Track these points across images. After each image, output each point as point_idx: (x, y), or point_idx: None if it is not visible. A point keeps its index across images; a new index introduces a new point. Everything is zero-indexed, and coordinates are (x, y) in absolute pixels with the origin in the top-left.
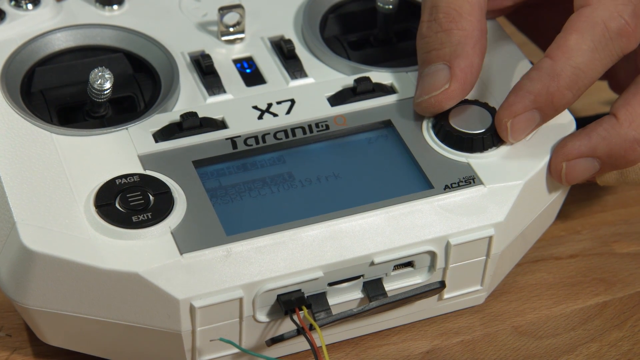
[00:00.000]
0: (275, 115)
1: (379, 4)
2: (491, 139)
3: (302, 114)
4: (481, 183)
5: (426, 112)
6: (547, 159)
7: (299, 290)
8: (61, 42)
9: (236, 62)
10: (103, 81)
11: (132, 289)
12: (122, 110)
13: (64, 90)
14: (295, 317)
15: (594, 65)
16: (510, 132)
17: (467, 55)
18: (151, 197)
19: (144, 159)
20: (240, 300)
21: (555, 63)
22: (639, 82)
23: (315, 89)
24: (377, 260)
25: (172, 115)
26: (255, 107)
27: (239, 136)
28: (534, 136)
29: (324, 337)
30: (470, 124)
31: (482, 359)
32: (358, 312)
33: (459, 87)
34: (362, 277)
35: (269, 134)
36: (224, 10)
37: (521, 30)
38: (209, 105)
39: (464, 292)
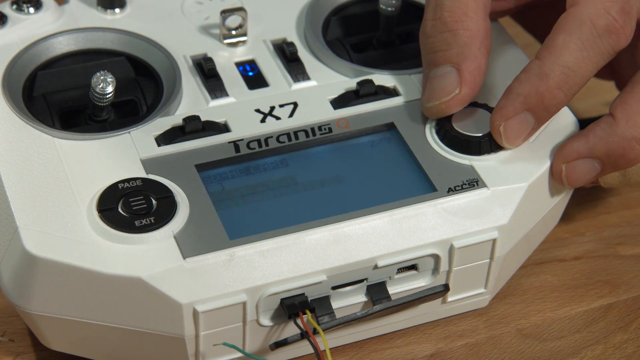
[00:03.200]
0: (277, 118)
1: (381, 6)
2: (494, 141)
3: (305, 117)
4: (485, 186)
5: (435, 116)
6: (550, 161)
7: (303, 294)
8: (63, 45)
9: (238, 65)
10: (105, 85)
11: (135, 294)
12: (124, 114)
13: (66, 94)
14: (298, 321)
15: (584, 63)
16: (504, 136)
17: (474, 57)
18: (154, 202)
19: (147, 163)
20: (244, 304)
21: (544, 63)
22: (636, 80)
23: (317, 91)
24: (380, 263)
25: (174, 118)
26: (257, 111)
27: (242, 139)
28: (537, 139)
29: (327, 341)
30: (474, 126)
31: None
32: (362, 315)
33: (469, 92)
34: (365, 281)
35: (271, 137)
36: (226, 13)
37: (527, 30)
38: (211, 109)
39: (468, 295)
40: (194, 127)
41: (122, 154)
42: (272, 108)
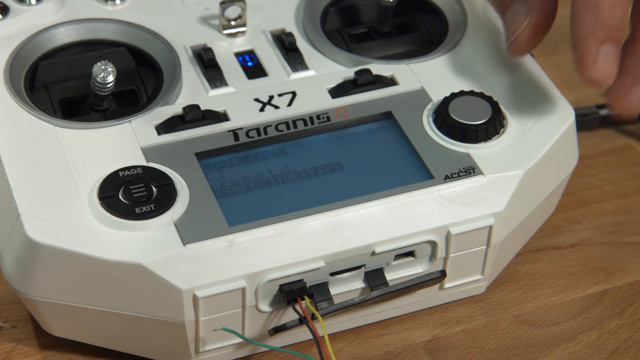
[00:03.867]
0: (276, 107)
1: None
2: (491, 129)
3: (304, 106)
4: (481, 173)
5: (518, 53)
6: (546, 148)
7: (301, 280)
8: (64, 36)
9: (238, 55)
10: (106, 75)
11: (135, 280)
12: (124, 103)
13: (68, 84)
14: (297, 306)
15: None
16: (601, 81)
17: None
18: (154, 189)
19: (147, 151)
20: (243, 290)
21: None
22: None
23: (316, 81)
24: (378, 250)
25: (174, 108)
26: (256, 100)
27: (241, 128)
28: (532, 127)
29: (326, 327)
30: (470, 114)
31: (483, 347)
32: (360, 301)
33: (538, 19)
34: (363, 267)
35: (270, 126)
36: (225, 3)
37: None
38: (211, 98)
39: (465, 281)
40: (193, 116)
41: (123, 143)
42: (271, 97)
